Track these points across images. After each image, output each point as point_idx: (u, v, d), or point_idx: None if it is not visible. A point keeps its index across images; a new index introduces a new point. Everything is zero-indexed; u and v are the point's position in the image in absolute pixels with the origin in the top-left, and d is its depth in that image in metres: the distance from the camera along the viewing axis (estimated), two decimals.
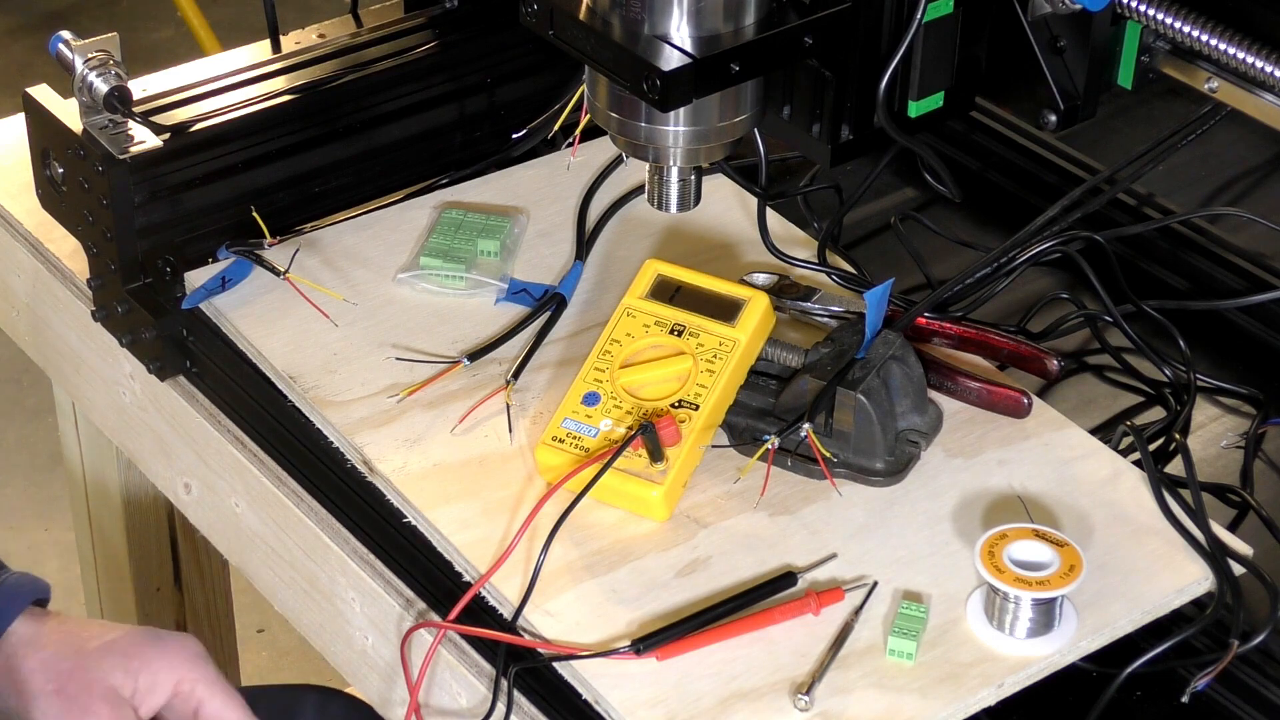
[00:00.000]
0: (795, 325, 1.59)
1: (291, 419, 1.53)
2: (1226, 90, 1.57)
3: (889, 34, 1.45)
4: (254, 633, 2.93)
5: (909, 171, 1.79)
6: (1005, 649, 1.32)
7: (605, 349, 1.48)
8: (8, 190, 1.78)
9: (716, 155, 1.48)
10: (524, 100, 1.77)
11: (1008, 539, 1.33)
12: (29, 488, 3.21)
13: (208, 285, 1.59)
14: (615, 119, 1.45)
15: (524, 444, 1.47)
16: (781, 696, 1.29)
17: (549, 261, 1.65)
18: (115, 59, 1.60)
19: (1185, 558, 1.39)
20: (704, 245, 1.67)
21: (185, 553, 2.01)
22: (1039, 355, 1.55)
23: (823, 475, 1.43)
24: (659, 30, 1.38)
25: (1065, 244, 1.64)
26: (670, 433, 1.41)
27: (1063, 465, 1.46)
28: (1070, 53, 1.54)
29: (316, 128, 1.69)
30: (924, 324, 1.55)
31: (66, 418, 1.96)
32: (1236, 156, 1.83)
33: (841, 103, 1.47)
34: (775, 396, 1.47)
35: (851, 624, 1.34)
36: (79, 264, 1.68)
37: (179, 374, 1.63)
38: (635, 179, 1.71)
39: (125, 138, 1.60)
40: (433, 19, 1.77)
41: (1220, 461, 1.53)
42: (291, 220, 1.67)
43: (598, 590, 1.36)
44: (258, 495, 1.56)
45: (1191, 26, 1.52)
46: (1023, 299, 1.65)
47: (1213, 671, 1.31)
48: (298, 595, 1.56)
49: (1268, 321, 1.63)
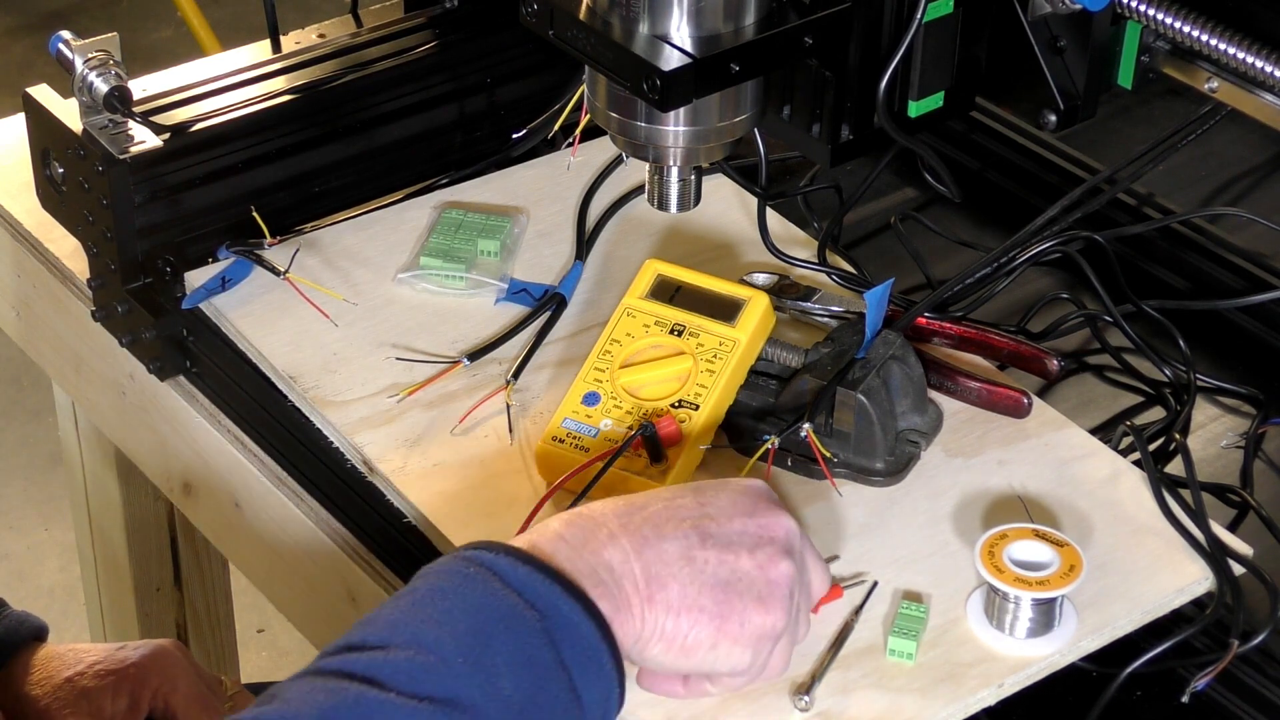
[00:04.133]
0: (795, 325, 1.59)
1: (291, 419, 1.53)
2: (1226, 90, 1.57)
3: (889, 34, 1.45)
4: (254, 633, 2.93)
5: (909, 171, 1.79)
6: (1005, 649, 1.32)
7: (605, 349, 1.48)
8: (8, 190, 1.78)
9: (716, 155, 1.48)
10: (524, 100, 1.77)
11: (1008, 539, 1.33)
12: (29, 488, 3.22)
13: (208, 285, 1.59)
14: (615, 119, 1.45)
15: (524, 444, 1.47)
16: (781, 696, 1.29)
17: (549, 261, 1.65)
18: (115, 59, 1.60)
19: (1185, 558, 1.39)
20: (704, 245, 1.67)
21: (185, 553, 2.02)
22: (1039, 355, 1.55)
23: (823, 475, 1.43)
24: (659, 30, 1.38)
25: (1065, 244, 1.64)
26: (670, 433, 1.41)
27: (1063, 465, 1.46)
28: (1070, 53, 1.54)
29: (316, 128, 1.69)
30: (924, 324, 1.55)
31: (66, 418, 1.96)
32: (1236, 156, 1.83)
33: (841, 103, 1.47)
34: (775, 396, 1.47)
35: (851, 624, 1.34)
36: (79, 264, 1.68)
37: (179, 374, 1.63)
38: (635, 179, 1.71)
39: (125, 138, 1.60)
40: (433, 19, 1.77)
41: (1220, 461, 1.53)
42: (291, 220, 1.67)
43: None
44: (258, 495, 1.56)
45: (1191, 26, 1.52)
46: (1023, 299, 1.65)
47: (1213, 671, 1.31)
48: (298, 595, 1.56)
49: (1268, 321, 1.63)
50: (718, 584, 1.20)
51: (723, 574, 1.20)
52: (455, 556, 1.18)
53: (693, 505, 1.23)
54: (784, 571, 1.23)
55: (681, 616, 1.20)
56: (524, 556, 1.16)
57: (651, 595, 1.19)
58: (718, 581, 1.20)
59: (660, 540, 1.20)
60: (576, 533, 1.19)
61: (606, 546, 1.19)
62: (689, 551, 1.20)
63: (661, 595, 1.19)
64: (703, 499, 1.24)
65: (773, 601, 1.22)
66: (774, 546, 1.23)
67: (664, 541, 1.20)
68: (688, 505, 1.23)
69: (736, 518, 1.23)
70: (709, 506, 1.23)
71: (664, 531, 1.20)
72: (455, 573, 1.16)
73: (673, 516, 1.22)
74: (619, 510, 1.22)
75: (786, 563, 1.23)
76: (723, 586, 1.20)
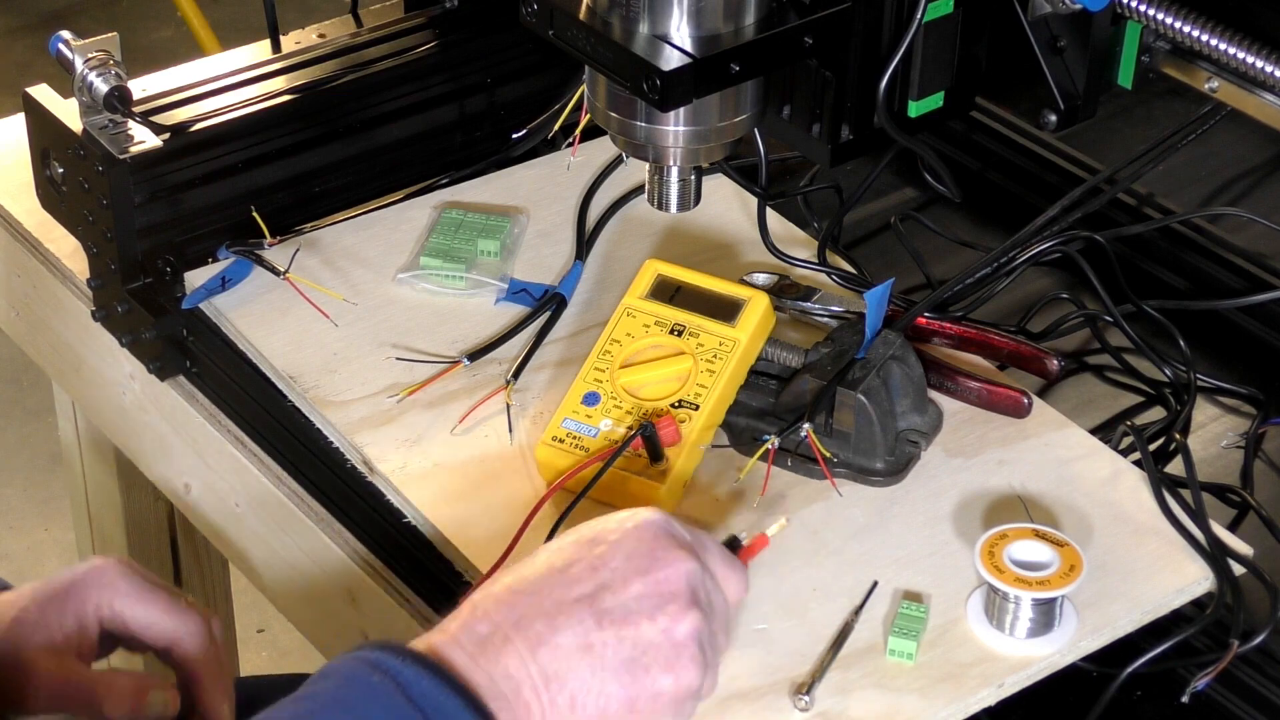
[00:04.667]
0: (795, 325, 1.59)
1: (291, 419, 1.53)
2: (1226, 90, 1.57)
3: (889, 34, 1.45)
4: (254, 633, 2.93)
5: (909, 171, 1.79)
6: (1005, 649, 1.32)
7: (605, 349, 1.48)
8: (8, 190, 1.78)
9: (716, 155, 1.48)
10: (524, 100, 1.77)
11: (1008, 539, 1.33)
12: (29, 488, 3.21)
13: (208, 285, 1.59)
14: (615, 119, 1.45)
15: (524, 444, 1.47)
16: (781, 696, 1.29)
17: (549, 261, 1.65)
18: (115, 59, 1.60)
19: (1185, 558, 1.39)
20: (704, 245, 1.67)
21: (185, 553, 2.02)
22: (1039, 355, 1.55)
23: (823, 475, 1.43)
24: (659, 30, 1.38)
25: (1065, 244, 1.64)
26: (670, 433, 1.41)
27: (1063, 465, 1.46)
28: (1070, 53, 1.54)
29: (316, 128, 1.69)
30: (924, 324, 1.55)
31: (66, 418, 1.96)
32: (1236, 156, 1.83)
33: (841, 103, 1.47)
34: (775, 396, 1.47)
35: (851, 624, 1.34)
36: (79, 264, 1.68)
37: (179, 374, 1.63)
38: (635, 179, 1.71)
39: (125, 138, 1.60)
40: (433, 19, 1.77)
41: (1220, 461, 1.53)
42: (291, 220, 1.67)
43: None
44: (258, 495, 1.56)
45: (1191, 26, 1.52)
46: (1023, 299, 1.65)
47: (1213, 671, 1.31)
48: (297, 595, 1.56)
49: (1268, 321, 1.63)
50: (621, 665, 1.16)
51: (624, 653, 1.16)
52: (360, 659, 1.14)
53: (586, 574, 1.17)
54: (689, 628, 1.17)
55: (588, 709, 1.16)
56: (428, 665, 1.13)
57: (553, 698, 1.15)
58: (620, 662, 1.16)
59: (554, 635, 1.15)
60: (472, 639, 1.15)
61: (502, 652, 1.15)
62: (586, 639, 1.16)
63: (563, 696, 1.15)
64: (597, 560, 1.18)
65: (681, 663, 1.17)
66: (676, 604, 1.17)
67: (558, 635, 1.15)
68: (581, 574, 1.17)
69: (633, 579, 1.17)
70: (603, 570, 1.17)
71: (558, 624, 1.15)
72: (359, 681, 1.13)
73: (566, 599, 1.16)
74: (512, 602, 1.16)
75: (691, 616, 1.18)
76: (627, 666, 1.16)
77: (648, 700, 1.16)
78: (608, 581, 1.17)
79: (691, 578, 1.18)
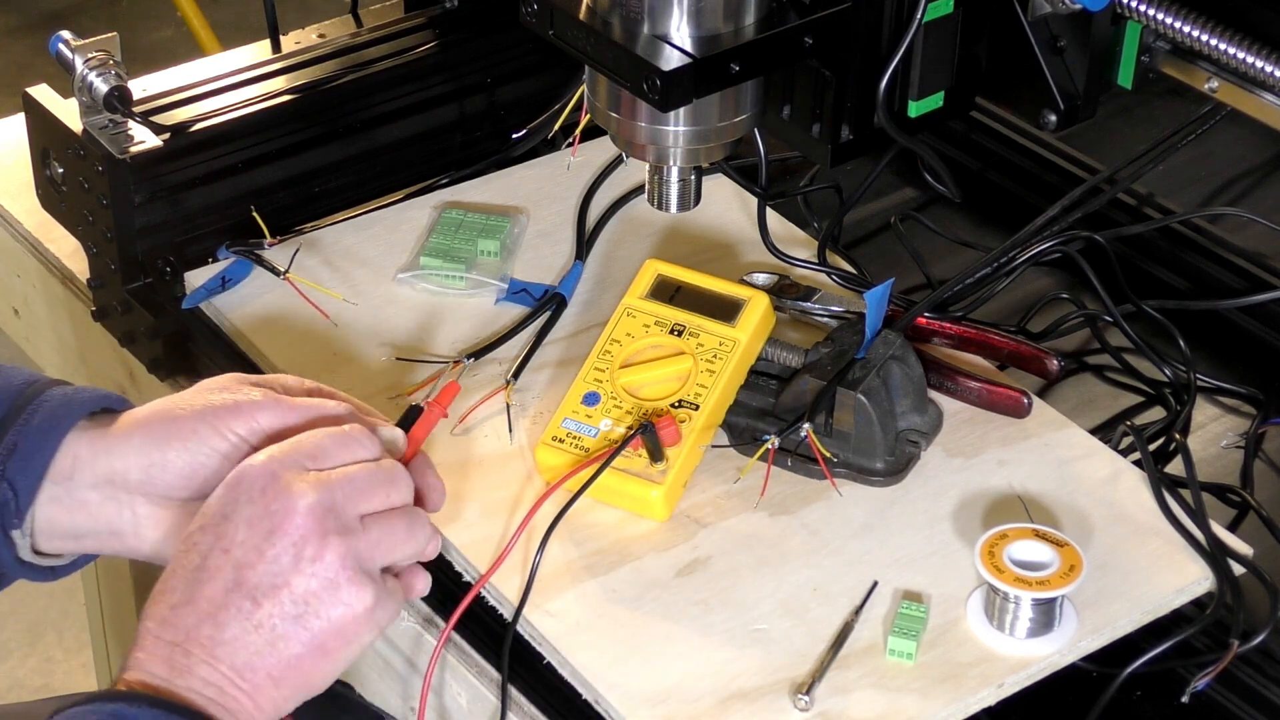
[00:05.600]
0: (795, 325, 1.59)
1: None
2: (1226, 90, 1.57)
3: (889, 34, 1.45)
4: None
5: (909, 171, 1.79)
6: (1005, 649, 1.32)
7: (605, 349, 1.48)
8: (8, 190, 1.78)
9: (716, 155, 1.48)
10: (524, 100, 1.77)
11: (1008, 539, 1.33)
12: None
13: (208, 285, 1.59)
14: (615, 119, 1.45)
15: (524, 444, 1.47)
16: (781, 696, 1.29)
17: (549, 261, 1.65)
18: (115, 59, 1.60)
19: (1185, 558, 1.39)
20: (704, 245, 1.67)
21: None
22: (1039, 355, 1.55)
23: (823, 475, 1.43)
24: (659, 30, 1.38)
25: (1065, 244, 1.64)
26: (670, 433, 1.41)
27: (1063, 465, 1.46)
28: (1070, 53, 1.54)
29: (316, 128, 1.69)
30: (924, 324, 1.55)
31: None
32: (1236, 156, 1.83)
33: (841, 103, 1.47)
34: (775, 396, 1.47)
35: (851, 624, 1.34)
36: (79, 264, 1.69)
37: (179, 374, 1.63)
38: (635, 179, 1.71)
39: (125, 138, 1.60)
40: (433, 19, 1.77)
41: (1220, 461, 1.53)
42: (291, 220, 1.67)
43: (598, 590, 1.36)
44: None
45: (1191, 26, 1.52)
46: (1023, 299, 1.65)
47: (1213, 671, 1.31)
48: None
49: (1268, 321, 1.63)
50: (293, 625, 1.19)
51: (291, 612, 1.19)
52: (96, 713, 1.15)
53: (222, 561, 1.19)
54: (333, 559, 1.19)
55: (287, 677, 1.19)
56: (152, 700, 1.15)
57: (253, 684, 1.18)
58: (292, 622, 1.19)
59: (222, 632, 1.18)
60: (162, 665, 1.18)
61: (190, 667, 1.17)
62: (252, 620, 1.18)
63: (259, 677, 1.18)
64: (225, 540, 1.19)
65: (344, 591, 1.19)
66: (310, 545, 1.19)
67: (226, 631, 1.18)
68: (218, 564, 1.19)
69: (263, 545, 1.19)
70: (234, 549, 1.19)
71: (221, 621, 1.18)
72: None
73: (216, 595, 1.18)
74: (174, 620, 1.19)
75: (328, 547, 1.19)
76: (299, 622, 1.19)
77: (333, 636, 1.20)
78: (242, 559, 1.19)
79: (313, 511, 1.20)
